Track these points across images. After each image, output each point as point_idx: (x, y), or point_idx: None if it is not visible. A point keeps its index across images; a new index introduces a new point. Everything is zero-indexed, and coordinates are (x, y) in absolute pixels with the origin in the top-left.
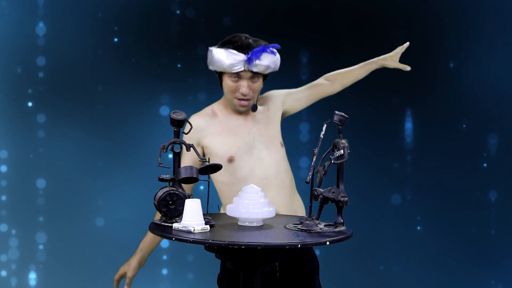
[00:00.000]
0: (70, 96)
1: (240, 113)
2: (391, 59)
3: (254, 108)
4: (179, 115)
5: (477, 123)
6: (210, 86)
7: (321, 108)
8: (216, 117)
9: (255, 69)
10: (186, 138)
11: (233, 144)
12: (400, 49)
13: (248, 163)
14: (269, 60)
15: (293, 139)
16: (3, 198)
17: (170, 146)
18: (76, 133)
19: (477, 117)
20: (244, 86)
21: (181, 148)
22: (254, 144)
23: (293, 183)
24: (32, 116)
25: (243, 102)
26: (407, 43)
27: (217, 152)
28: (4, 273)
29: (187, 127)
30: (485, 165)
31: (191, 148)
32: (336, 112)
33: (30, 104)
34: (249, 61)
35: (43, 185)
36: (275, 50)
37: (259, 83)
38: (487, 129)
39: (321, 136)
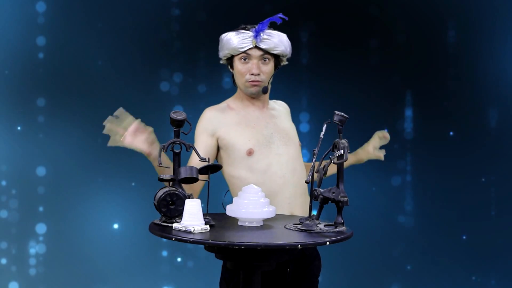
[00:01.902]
0: (70, 77)
1: (256, 105)
2: (364, 153)
3: (264, 90)
4: (179, 115)
5: (476, 103)
6: (211, 75)
7: (321, 107)
8: (232, 110)
9: (263, 45)
10: (201, 129)
11: (252, 137)
12: (376, 140)
13: (266, 157)
14: (279, 39)
15: None
16: (3, 183)
17: (170, 146)
18: (76, 115)
19: (477, 97)
20: (254, 64)
21: (181, 148)
22: (272, 138)
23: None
24: (31, 100)
25: (253, 83)
26: (386, 136)
27: (235, 144)
28: (4, 260)
29: (205, 119)
30: (485, 143)
31: (191, 148)
32: (336, 112)
33: (29, 87)
34: (256, 34)
35: (43, 173)
36: (279, 18)
37: (270, 66)
38: (486, 107)
39: (321, 136)
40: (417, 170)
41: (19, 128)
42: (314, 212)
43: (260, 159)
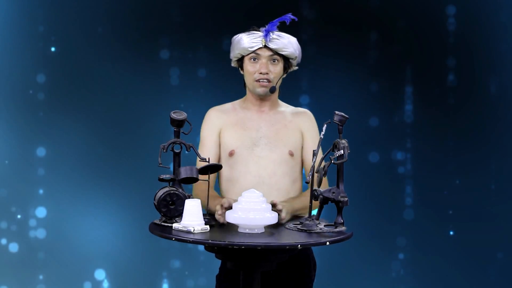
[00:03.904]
0: (70, 49)
1: (259, 108)
2: None
3: (272, 90)
4: (179, 115)
5: (477, 92)
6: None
7: (321, 107)
8: (234, 111)
9: (272, 45)
10: (210, 127)
11: (238, 138)
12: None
13: (245, 158)
14: (288, 40)
15: None
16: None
17: (170, 146)
18: (78, 91)
19: (477, 86)
20: (263, 64)
21: (181, 148)
22: (259, 142)
23: (295, 190)
24: (31, 76)
25: (262, 82)
26: None
27: (223, 144)
28: (4, 241)
29: (211, 118)
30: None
31: (191, 148)
32: (336, 112)
33: (28, 62)
34: (266, 34)
35: (43, 153)
36: (289, 18)
37: (278, 67)
38: (487, 94)
39: (321, 136)
40: (417, 158)
41: (18, 106)
42: (314, 212)
43: (240, 159)
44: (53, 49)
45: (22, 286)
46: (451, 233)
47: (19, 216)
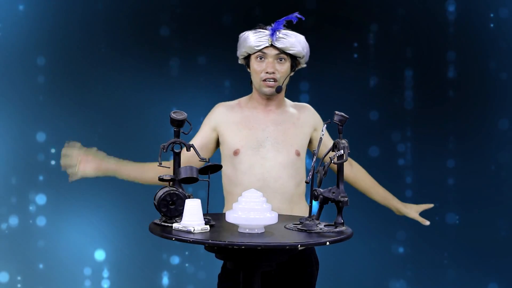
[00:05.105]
0: (70, 29)
1: (265, 107)
2: (413, 210)
3: (278, 89)
4: (179, 115)
5: (477, 84)
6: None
7: (321, 107)
8: (240, 108)
9: (279, 44)
10: (207, 120)
11: (243, 138)
12: (425, 206)
13: (250, 159)
14: (296, 39)
15: None
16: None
17: (170, 146)
18: (79, 74)
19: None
20: (269, 63)
21: (181, 148)
22: (265, 142)
23: (299, 193)
24: (31, 59)
25: (268, 82)
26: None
27: (226, 142)
28: (4, 226)
29: (213, 113)
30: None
31: (191, 148)
32: (336, 112)
33: (29, 45)
34: (272, 33)
35: (43, 138)
36: (295, 17)
37: (285, 66)
38: (489, 87)
39: (321, 136)
40: (417, 148)
41: (17, 90)
42: (314, 212)
43: (244, 160)
44: (52, 31)
45: (22, 274)
46: (453, 225)
47: (18, 203)
